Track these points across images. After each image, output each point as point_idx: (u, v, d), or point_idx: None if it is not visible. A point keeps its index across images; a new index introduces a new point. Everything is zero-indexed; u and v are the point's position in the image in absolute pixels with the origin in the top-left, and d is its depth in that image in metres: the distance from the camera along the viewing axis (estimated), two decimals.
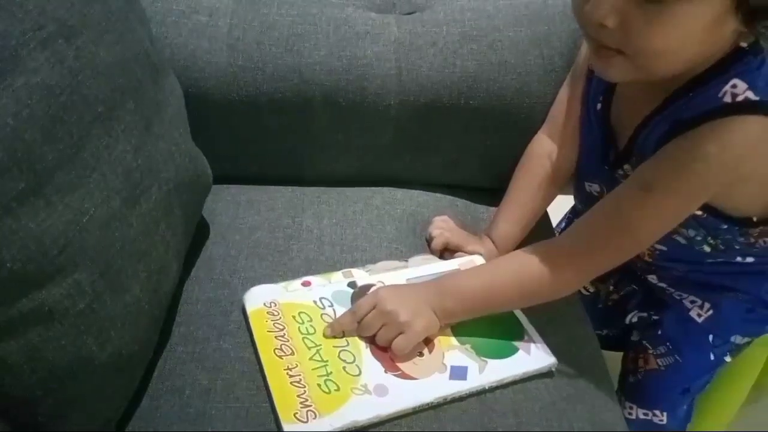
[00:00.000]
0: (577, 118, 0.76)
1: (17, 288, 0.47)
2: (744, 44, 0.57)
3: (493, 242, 0.79)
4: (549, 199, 0.83)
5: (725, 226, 0.66)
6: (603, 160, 0.72)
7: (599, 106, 0.72)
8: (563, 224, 1.00)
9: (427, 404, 0.61)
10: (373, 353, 0.65)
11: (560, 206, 0.94)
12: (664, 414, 0.82)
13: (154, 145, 0.63)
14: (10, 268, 0.46)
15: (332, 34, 0.82)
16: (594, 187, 0.76)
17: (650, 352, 0.81)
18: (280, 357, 0.63)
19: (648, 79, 0.61)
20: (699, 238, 0.68)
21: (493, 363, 0.65)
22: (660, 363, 0.81)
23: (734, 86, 0.57)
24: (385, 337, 0.64)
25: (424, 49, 0.82)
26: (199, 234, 0.77)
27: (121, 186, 0.56)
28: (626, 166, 0.69)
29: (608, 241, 0.63)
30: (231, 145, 0.86)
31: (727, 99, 0.57)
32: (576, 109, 0.76)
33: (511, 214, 0.80)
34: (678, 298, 0.78)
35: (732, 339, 0.79)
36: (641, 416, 0.83)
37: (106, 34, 0.58)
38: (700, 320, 0.77)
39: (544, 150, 0.81)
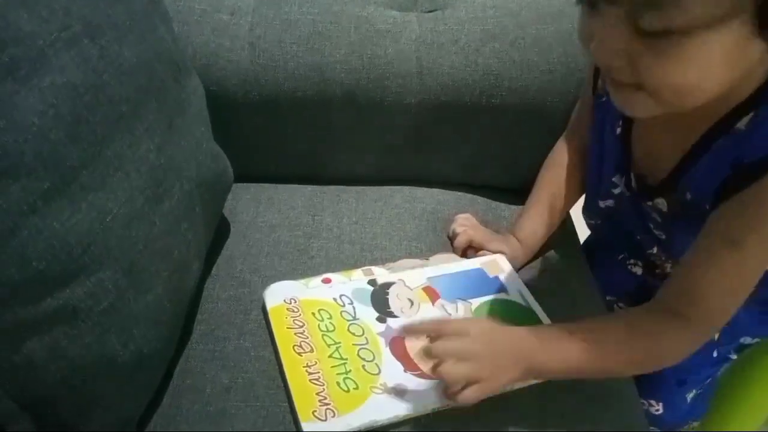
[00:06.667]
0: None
1: (42, 287, 0.47)
2: None
3: (518, 240, 0.78)
4: (575, 199, 0.81)
5: None
6: (623, 186, 0.69)
7: (618, 130, 0.67)
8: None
9: (447, 405, 0.61)
10: (392, 352, 0.64)
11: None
12: (660, 404, 0.81)
13: (177, 144, 0.63)
14: (36, 267, 0.46)
15: (353, 32, 0.82)
16: (608, 203, 0.73)
17: None
18: (300, 354, 0.63)
19: (678, 111, 0.55)
20: None
21: None
22: None
23: None
24: (454, 375, 0.57)
25: (446, 47, 0.82)
26: (219, 232, 0.77)
27: (145, 185, 0.56)
28: (659, 200, 0.64)
29: (716, 305, 0.58)
30: (251, 144, 0.87)
31: None
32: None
33: (536, 213, 0.79)
34: None
35: (741, 340, 0.78)
36: None
37: (130, 34, 0.58)
38: None
39: (569, 151, 0.79)
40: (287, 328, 0.66)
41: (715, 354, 0.78)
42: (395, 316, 0.68)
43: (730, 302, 0.58)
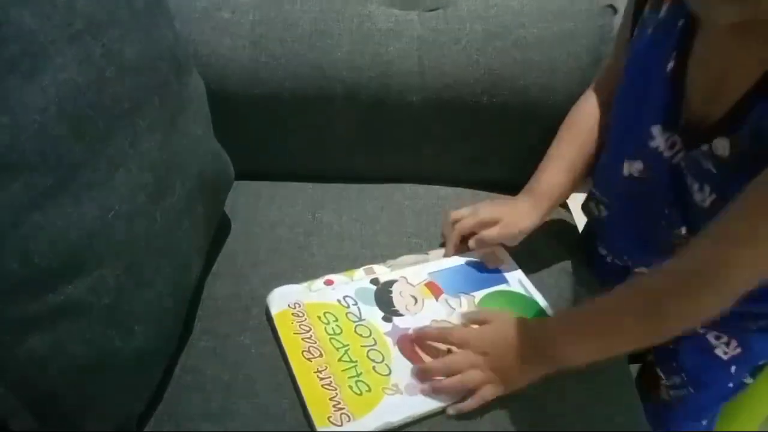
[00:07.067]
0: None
1: (44, 283, 0.47)
2: None
3: (532, 193, 0.76)
4: (593, 157, 0.77)
5: None
6: (663, 139, 0.62)
7: (671, 65, 0.60)
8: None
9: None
10: (401, 351, 0.64)
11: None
12: None
13: (178, 142, 0.63)
14: (38, 263, 0.46)
15: (355, 30, 0.82)
16: (635, 167, 0.66)
17: (663, 382, 0.78)
18: (309, 359, 0.63)
19: (763, 17, 0.49)
20: None
21: None
22: (671, 395, 0.77)
23: None
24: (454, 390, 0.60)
25: (448, 46, 0.82)
26: (220, 230, 0.77)
27: (146, 182, 0.57)
28: (719, 140, 0.56)
29: (743, 281, 0.52)
30: (252, 142, 0.87)
31: None
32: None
33: (557, 167, 0.76)
34: (701, 331, 0.72)
35: (759, 362, 0.75)
36: None
37: (132, 32, 0.58)
38: (726, 357, 0.72)
39: (593, 105, 0.76)
40: (294, 333, 0.65)
41: (730, 385, 0.75)
42: (401, 315, 0.68)
43: (759, 279, 0.52)
